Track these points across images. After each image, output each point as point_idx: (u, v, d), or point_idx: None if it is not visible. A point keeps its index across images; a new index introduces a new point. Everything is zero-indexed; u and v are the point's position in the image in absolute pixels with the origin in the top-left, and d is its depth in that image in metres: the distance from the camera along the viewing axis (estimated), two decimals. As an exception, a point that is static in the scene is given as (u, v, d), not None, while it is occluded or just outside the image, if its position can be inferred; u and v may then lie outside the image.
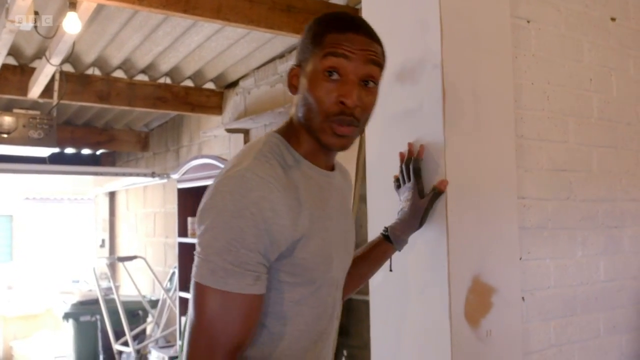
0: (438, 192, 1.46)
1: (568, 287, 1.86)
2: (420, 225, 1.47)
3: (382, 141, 1.67)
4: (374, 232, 1.56)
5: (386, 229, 1.47)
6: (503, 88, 1.65)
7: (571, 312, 1.85)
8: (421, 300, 1.54)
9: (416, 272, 1.55)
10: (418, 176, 1.49)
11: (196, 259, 1.02)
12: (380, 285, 1.67)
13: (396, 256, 1.50)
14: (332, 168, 1.22)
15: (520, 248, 1.71)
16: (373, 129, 1.68)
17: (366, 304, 1.78)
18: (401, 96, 1.60)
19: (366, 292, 1.71)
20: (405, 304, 1.59)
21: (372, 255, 1.46)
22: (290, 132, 1.15)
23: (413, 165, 1.50)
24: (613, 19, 2.07)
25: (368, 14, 1.73)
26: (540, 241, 1.79)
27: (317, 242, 1.09)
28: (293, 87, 1.14)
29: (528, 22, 1.80)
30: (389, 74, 1.59)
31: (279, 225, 1.01)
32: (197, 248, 1.02)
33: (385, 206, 1.62)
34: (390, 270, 1.54)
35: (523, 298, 1.72)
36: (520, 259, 1.72)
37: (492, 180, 1.60)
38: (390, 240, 1.45)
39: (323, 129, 1.09)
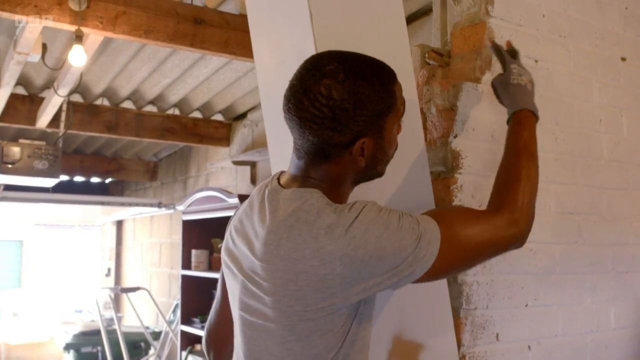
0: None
1: (577, 335, 1.79)
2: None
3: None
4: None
5: None
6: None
7: (580, 361, 1.78)
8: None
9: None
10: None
11: (403, 268, 1.02)
12: None
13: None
14: None
15: (526, 294, 1.64)
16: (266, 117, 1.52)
17: None
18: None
19: None
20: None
21: None
22: (326, 189, 1.10)
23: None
24: (623, 59, 2.03)
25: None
26: (547, 287, 1.72)
27: None
28: (362, 158, 1.08)
29: (536, 61, 1.77)
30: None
31: None
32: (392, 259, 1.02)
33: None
34: None
35: (529, 347, 1.65)
36: (527, 305, 1.66)
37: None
38: None
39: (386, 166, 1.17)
